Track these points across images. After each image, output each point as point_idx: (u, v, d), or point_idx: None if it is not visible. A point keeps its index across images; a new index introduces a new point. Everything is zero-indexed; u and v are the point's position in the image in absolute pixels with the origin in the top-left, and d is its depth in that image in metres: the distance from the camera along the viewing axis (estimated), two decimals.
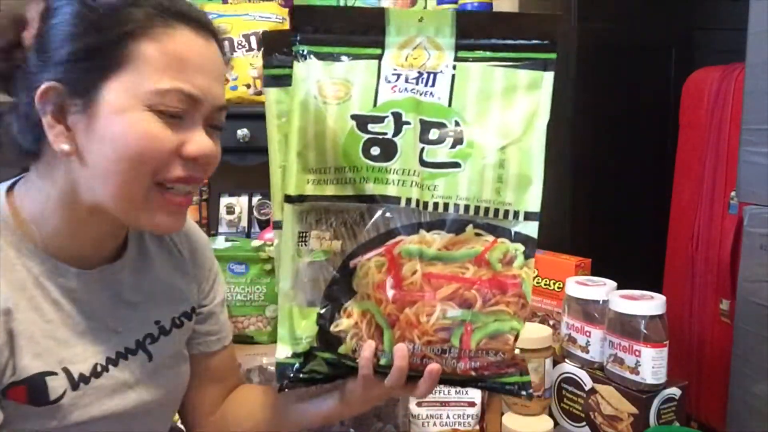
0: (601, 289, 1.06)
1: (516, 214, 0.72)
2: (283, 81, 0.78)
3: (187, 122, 0.67)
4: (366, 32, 0.74)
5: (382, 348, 0.71)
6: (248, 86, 1.73)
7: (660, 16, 1.92)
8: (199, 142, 0.68)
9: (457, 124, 0.73)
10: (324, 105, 0.72)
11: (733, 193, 1.43)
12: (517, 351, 0.73)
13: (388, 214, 0.71)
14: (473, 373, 0.71)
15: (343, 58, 0.74)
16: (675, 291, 1.56)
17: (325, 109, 0.72)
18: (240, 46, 1.76)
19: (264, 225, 1.63)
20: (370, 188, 0.71)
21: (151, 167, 0.66)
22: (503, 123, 0.73)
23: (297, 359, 0.74)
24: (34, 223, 0.69)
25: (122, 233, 0.76)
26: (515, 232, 0.72)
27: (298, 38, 0.75)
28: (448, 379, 0.72)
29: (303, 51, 0.74)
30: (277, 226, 0.76)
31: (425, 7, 2.01)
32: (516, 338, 0.71)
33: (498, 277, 0.71)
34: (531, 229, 0.72)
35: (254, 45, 1.76)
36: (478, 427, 1.03)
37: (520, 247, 0.72)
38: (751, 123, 1.08)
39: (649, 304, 0.97)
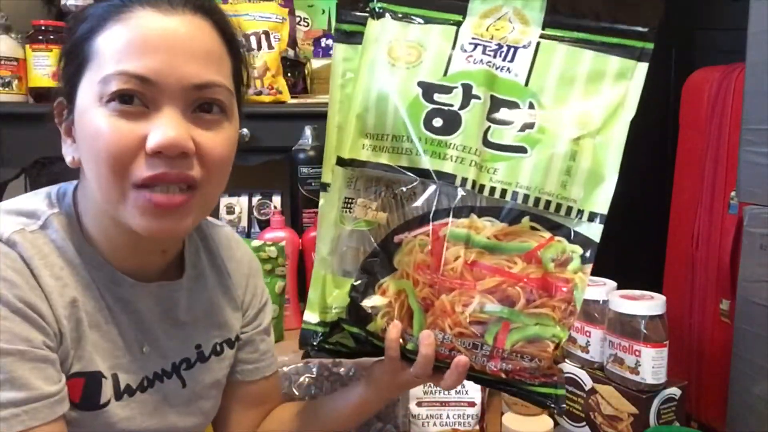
0: (601, 289, 1.06)
1: (580, 212, 0.67)
2: (354, 38, 0.72)
3: (154, 112, 0.61)
4: None
5: (411, 332, 0.67)
6: (248, 86, 1.73)
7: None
8: (159, 132, 0.60)
9: (531, 106, 0.67)
10: (393, 68, 0.68)
11: (733, 193, 1.43)
12: (558, 364, 0.69)
13: (440, 192, 0.67)
14: (503, 376, 0.66)
15: (420, 20, 0.69)
16: (675, 291, 1.56)
17: (393, 71, 0.68)
18: (240, 46, 1.76)
19: (264, 225, 1.63)
20: (426, 162, 0.67)
21: (118, 167, 0.61)
22: (583, 112, 0.67)
23: (323, 327, 0.72)
24: (90, 229, 0.68)
25: (172, 249, 0.73)
26: (575, 232, 0.67)
27: None
28: (476, 376, 0.68)
29: (379, 8, 0.70)
30: (324, 188, 0.73)
31: None
32: (557, 347, 0.66)
33: (548, 278, 0.66)
34: (594, 231, 0.67)
35: (254, 45, 1.76)
36: (478, 427, 1.03)
37: (578, 249, 0.67)
38: (751, 123, 1.08)
39: (649, 304, 0.97)
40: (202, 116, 0.64)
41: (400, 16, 0.70)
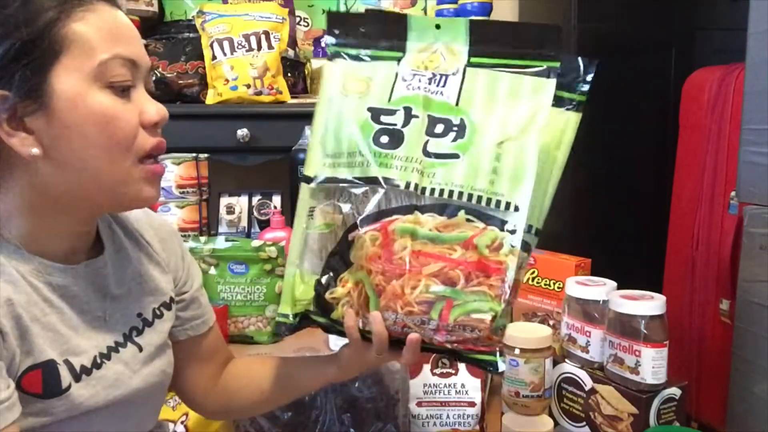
0: (601, 289, 1.06)
1: (507, 204, 0.75)
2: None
3: (134, 91, 0.70)
4: (390, 37, 0.83)
5: (368, 315, 0.76)
6: (248, 86, 1.73)
7: (660, 16, 1.92)
8: (154, 106, 0.70)
9: (462, 121, 0.79)
10: (346, 97, 0.81)
11: (733, 193, 1.43)
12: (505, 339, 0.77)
13: (388, 195, 0.78)
14: (449, 346, 0.75)
15: (368, 59, 0.83)
16: (675, 291, 1.56)
17: (346, 101, 0.81)
18: (240, 46, 1.76)
19: (264, 225, 1.63)
20: (375, 171, 0.78)
21: (125, 146, 0.68)
22: (504, 122, 0.78)
23: (293, 319, 0.82)
24: (10, 225, 0.69)
25: (93, 229, 0.77)
26: (505, 222, 0.75)
27: (334, 41, 0.84)
28: (428, 347, 0.77)
29: (335, 51, 0.83)
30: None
31: (425, 7, 2.02)
32: (493, 319, 0.74)
33: (483, 261, 0.74)
34: (519, 219, 0.76)
35: (254, 45, 1.76)
36: (478, 427, 1.03)
37: (508, 236, 0.75)
38: (751, 123, 1.08)
39: (649, 304, 0.97)
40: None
41: (352, 56, 0.83)
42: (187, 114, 1.70)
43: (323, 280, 0.80)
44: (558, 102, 0.80)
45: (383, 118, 0.80)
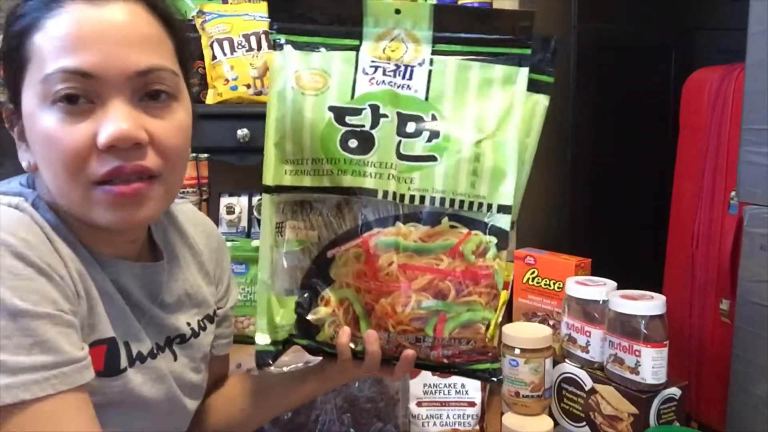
0: (601, 289, 1.06)
1: (489, 206, 0.73)
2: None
3: (100, 106, 0.61)
4: (343, 23, 0.75)
5: (359, 335, 0.73)
6: (248, 86, 1.73)
7: (660, 16, 1.92)
8: (109, 127, 0.60)
9: (434, 117, 0.74)
10: (302, 96, 0.73)
11: (733, 193, 1.43)
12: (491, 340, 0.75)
13: (365, 206, 0.73)
14: (446, 361, 0.74)
15: (321, 48, 0.74)
16: (675, 291, 1.56)
17: (302, 99, 0.73)
18: (240, 46, 1.76)
19: None
20: (348, 180, 0.72)
21: (74, 168, 0.61)
22: (479, 117, 0.74)
23: (276, 347, 0.77)
24: (67, 221, 0.67)
25: (140, 237, 0.74)
26: (489, 225, 0.73)
27: (276, 27, 0.75)
28: (423, 364, 0.75)
29: (280, 40, 0.75)
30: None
31: None
32: (488, 328, 0.73)
33: (471, 269, 0.72)
34: (504, 221, 0.73)
35: (254, 45, 1.76)
36: (478, 427, 1.03)
37: (493, 240, 0.73)
38: (751, 123, 1.08)
39: (649, 304, 0.97)
40: (150, 104, 0.63)
41: (300, 45, 0.74)
42: None
43: (302, 301, 0.75)
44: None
45: (348, 119, 0.73)
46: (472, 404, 1.03)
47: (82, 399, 0.59)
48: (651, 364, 0.96)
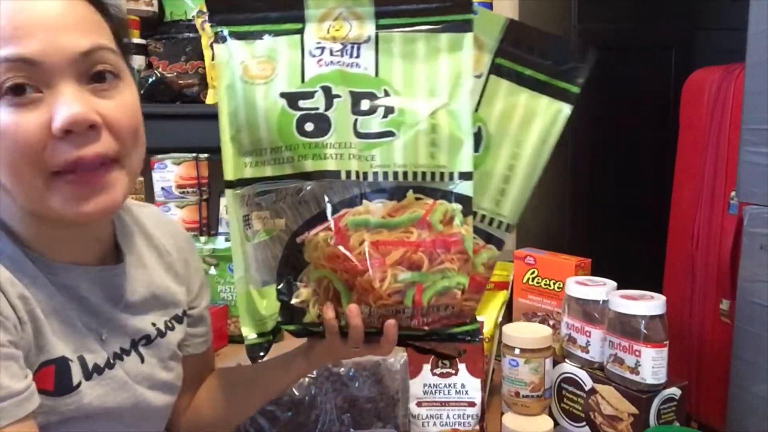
0: (601, 289, 1.06)
1: (451, 175, 0.74)
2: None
3: (49, 94, 0.60)
4: (284, 7, 0.74)
5: (342, 310, 0.74)
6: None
7: (660, 16, 1.92)
8: (63, 110, 0.59)
9: (386, 93, 0.74)
10: (251, 86, 0.73)
11: (733, 193, 1.43)
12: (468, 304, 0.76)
13: (329, 189, 0.73)
14: (426, 328, 0.74)
15: (264, 35, 0.74)
16: (675, 291, 1.56)
17: (253, 89, 0.73)
18: None
19: None
20: (309, 165, 0.72)
21: (28, 162, 0.60)
22: (430, 88, 0.74)
23: (265, 338, 0.78)
24: (17, 230, 0.67)
25: (104, 235, 0.74)
26: (452, 193, 0.74)
27: (216, 19, 0.74)
28: (406, 335, 0.75)
29: (222, 32, 0.74)
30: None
31: None
32: (463, 291, 0.74)
33: (440, 237, 0.73)
34: (466, 188, 0.74)
35: None
36: (478, 427, 1.03)
37: (458, 207, 0.74)
38: (751, 123, 1.08)
39: (649, 304, 0.97)
40: (97, 86, 0.63)
41: (242, 35, 0.74)
42: (187, 114, 1.70)
43: (282, 287, 0.76)
44: (551, 91, 0.76)
45: (302, 103, 0.73)
46: (472, 404, 1.03)
47: (26, 427, 0.59)
48: (651, 364, 0.96)
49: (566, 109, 0.77)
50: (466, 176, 0.74)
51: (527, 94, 0.76)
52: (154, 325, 0.78)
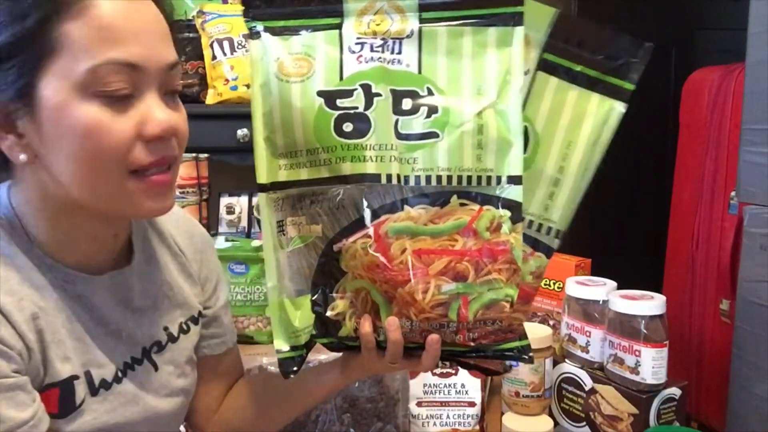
0: (601, 289, 1.06)
1: (499, 179, 0.69)
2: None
3: (138, 98, 0.61)
4: (321, 1, 0.70)
5: (380, 324, 0.70)
6: (248, 86, 1.72)
7: (660, 16, 1.92)
8: (159, 118, 0.61)
9: (429, 91, 0.69)
10: (287, 84, 0.69)
11: (733, 193, 1.43)
12: (514, 316, 0.72)
13: (368, 193, 0.68)
14: (472, 344, 0.70)
15: (301, 31, 0.70)
16: (675, 291, 1.56)
17: (288, 88, 0.69)
18: (240, 46, 1.76)
19: None
20: (348, 168, 0.68)
21: (114, 160, 0.61)
22: (477, 86, 0.69)
23: (298, 352, 0.73)
24: (36, 229, 0.66)
25: (122, 233, 0.73)
26: (500, 198, 0.69)
27: (251, 14, 0.71)
28: (450, 351, 0.71)
29: (256, 28, 0.71)
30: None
31: None
32: (511, 305, 0.69)
33: (487, 246, 0.68)
34: (515, 193, 0.69)
35: None
36: (478, 427, 1.03)
37: (507, 213, 0.69)
38: (751, 123, 1.08)
39: (649, 304, 0.97)
40: (171, 98, 0.65)
41: (278, 30, 0.70)
42: (187, 114, 1.70)
43: (317, 298, 0.71)
44: (602, 88, 0.72)
45: (340, 102, 0.68)
46: (472, 404, 1.03)
47: None
48: (651, 364, 0.96)
49: (619, 107, 0.73)
50: (515, 180, 0.69)
51: (577, 91, 0.72)
52: (166, 329, 0.76)
